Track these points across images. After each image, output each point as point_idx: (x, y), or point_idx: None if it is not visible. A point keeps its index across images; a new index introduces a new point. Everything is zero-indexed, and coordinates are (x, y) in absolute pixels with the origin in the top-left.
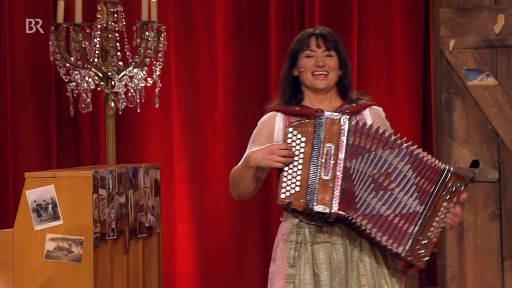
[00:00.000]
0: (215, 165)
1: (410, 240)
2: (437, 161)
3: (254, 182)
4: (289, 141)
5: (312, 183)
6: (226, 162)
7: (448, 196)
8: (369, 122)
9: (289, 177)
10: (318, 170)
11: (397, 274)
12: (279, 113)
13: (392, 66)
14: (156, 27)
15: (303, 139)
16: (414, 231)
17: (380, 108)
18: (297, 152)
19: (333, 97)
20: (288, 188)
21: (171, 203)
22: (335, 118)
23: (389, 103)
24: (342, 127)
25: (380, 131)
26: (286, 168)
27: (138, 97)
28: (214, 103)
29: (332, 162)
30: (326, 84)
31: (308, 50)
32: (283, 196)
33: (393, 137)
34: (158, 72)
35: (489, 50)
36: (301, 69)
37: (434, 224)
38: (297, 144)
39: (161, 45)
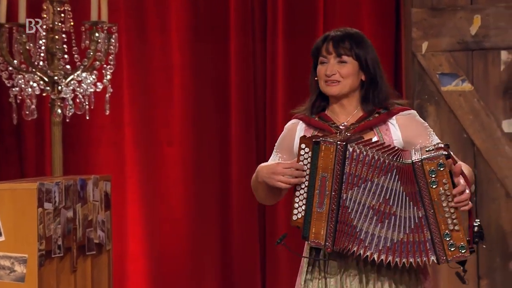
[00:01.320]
0: (169, 170)
1: (433, 246)
2: (405, 155)
3: (271, 192)
4: (301, 158)
5: (307, 215)
6: (181, 166)
7: (435, 185)
8: (393, 134)
9: (301, 197)
10: (313, 202)
11: None
12: (301, 122)
13: None
14: (106, 27)
15: None
16: (430, 235)
17: (411, 112)
18: (308, 171)
19: (354, 105)
20: (300, 209)
21: (123, 211)
22: (330, 146)
23: None
24: (337, 156)
25: (376, 157)
26: (298, 188)
27: (87, 103)
28: (169, 106)
29: (327, 193)
30: (338, 91)
31: (320, 56)
32: (294, 218)
33: (386, 161)
34: (108, 76)
35: (464, 53)
36: (316, 77)
37: (446, 215)
38: (308, 163)
39: (112, 47)
